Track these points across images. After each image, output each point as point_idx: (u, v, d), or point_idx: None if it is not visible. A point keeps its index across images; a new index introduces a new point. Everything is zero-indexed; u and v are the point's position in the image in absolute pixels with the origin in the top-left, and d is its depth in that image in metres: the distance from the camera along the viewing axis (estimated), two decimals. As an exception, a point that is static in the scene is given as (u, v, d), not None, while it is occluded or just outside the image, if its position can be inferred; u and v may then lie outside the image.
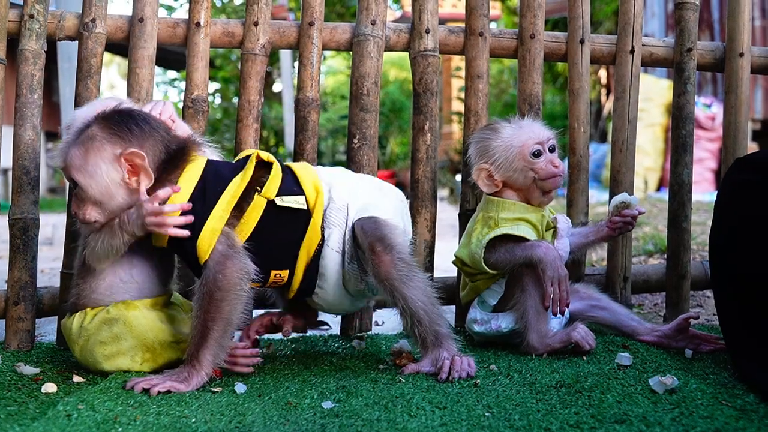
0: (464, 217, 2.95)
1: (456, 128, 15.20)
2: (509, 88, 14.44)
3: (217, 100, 15.77)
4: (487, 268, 2.60)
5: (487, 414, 1.90)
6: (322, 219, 2.39)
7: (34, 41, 2.79)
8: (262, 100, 2.92)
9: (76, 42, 2.87)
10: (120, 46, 2.94)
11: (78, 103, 2.78)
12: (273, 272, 2.37)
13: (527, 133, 2.65)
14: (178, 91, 16.24)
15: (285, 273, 2.39)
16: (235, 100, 14.45)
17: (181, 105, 2.86)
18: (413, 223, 2.93)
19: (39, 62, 2.79)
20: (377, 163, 2.97)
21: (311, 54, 2.94)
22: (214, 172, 2.33)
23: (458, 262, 2.75)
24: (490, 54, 3.02)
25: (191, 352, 2.21)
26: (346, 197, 2.42)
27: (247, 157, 2.39)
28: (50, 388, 2.20)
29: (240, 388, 2.19)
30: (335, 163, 14.05)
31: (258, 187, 2.32)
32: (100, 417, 1.91)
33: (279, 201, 2.33)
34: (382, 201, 2.47)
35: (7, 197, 7.40)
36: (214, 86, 16.71)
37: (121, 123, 2.27)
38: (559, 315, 2.56)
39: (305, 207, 2.36)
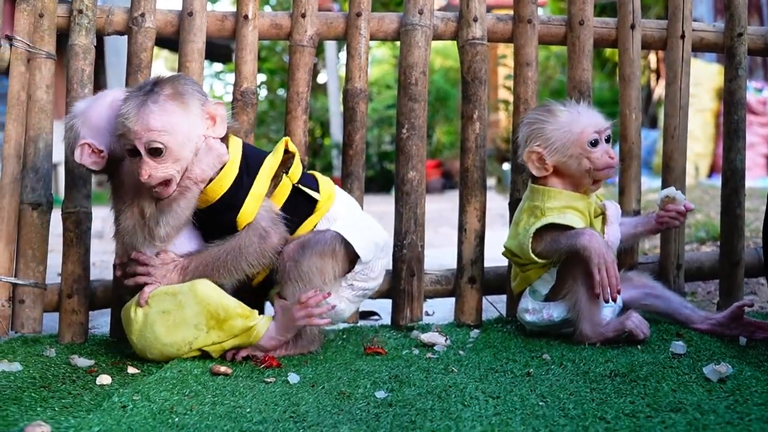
0: (514, 206, 2.94)
1: (502, 116, 15.13)
2: (556, 74, 14.33)
3: (263, 92, 15.88)
4: (535, 258, 2.60)
5: (541, 403, 1.91)
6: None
7: (83, 36, 2.83)
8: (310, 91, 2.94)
9: (124, 36, 2.91)
10: (167, 40, 2.97)
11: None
12: None
13: (586, 121, 2.64)
14: (224, 84, 16.35)
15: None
16: (281, 91, 14.53)
17: (226, 98, 2.90)
18: (463, 213, 2.95)
19: (89, 57, 2.83)
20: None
21: (359, 45, 2.95)
22: (250, 149, 2.51)
23: (508, 252, 2.75)
24: (538, 41, 3.00)
25: (184, 264, 2.42)
26: (338, 213, 2.56)
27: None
28: (105, 379, 2.24)
29: (293, 378, 2.22)
30: (382, 154, 14.06)
31: (285, 170, 2.48)
32: (156, 407, 1.94)
33: (300, 187, 2.50)
34: (363, 235, 2.54)
35: (59, 191, 7.50)
36: (260, 78, 16.81)
37: (189, 81, 2.42)
38: (612, 303, 2.55)
39: (319, 198, 2.52)
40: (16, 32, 2.77)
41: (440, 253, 4.49)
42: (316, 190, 2.54)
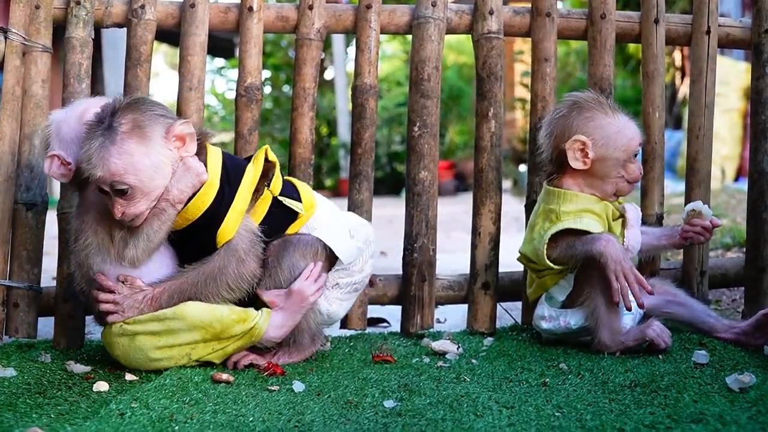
0: (530, 209, 2.95)
1: (519, 115, 15.13)
2: (576, 72, 14.33)
3: (267, 89, 15.94)
4: (551, 264, 2.61)
5: (557, 414, 1.92)
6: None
7: (81, 29, 2.85)
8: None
9: (123, 29, 2.93)
10: (167, 33, 2.99)
11: (127, 93, 2.84)
12: None
13: (634, 130, 2.67)
14: (226, 80, 16.37)
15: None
16: (286, 88, 14.55)
17: (228, 95, 2.92)
18: (477, 215, 2.96)
19: (86, 50, 2.85)
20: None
21: (369, 38, 2.97)
22: (230, 159, 2.50)
23: (523, 258, 2.76)
24: (557, 36, 3.02)
25: (158, 293, 2.39)
26: (319, 221, 2.57)
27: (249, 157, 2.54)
28: (102, 386, 2.26)
29: (298, 386, 2.23)
30: (392, 155, 14.07)
31: (267, 182, 2.47)
32: (155, 415, 1.96)
33: (282, 199, 2.50)
34: (344, 240, 2.58)
35: (54, 191, 7.52)
36: (264, 74, 16.84)
37: (150, 105, 2.39)
38: (633, 311, 2.57)
39: (303, 213, 2.52)
40: (11, 24, 2.79)
41: (452, 258, 4.49)
42: (298, 199, 2.55)
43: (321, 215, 2.58)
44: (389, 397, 2.12)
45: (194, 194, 2.38)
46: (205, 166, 2.40)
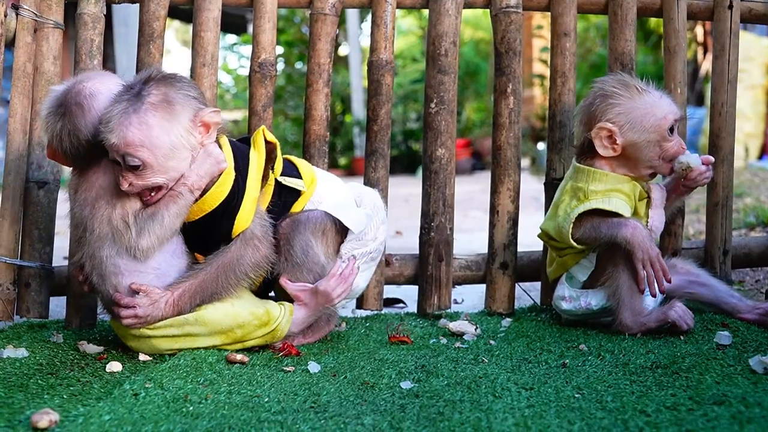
0: (550, 187, 2.96)
1: (537, 92, 15.09)
2: (595, 47, 14.29)
3: (280, 66, 15.91)
4: (574, 243, 2.61)
5: (577, 395, 1.92)
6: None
7: (93, 4, 2.85)
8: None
9: (134, 5, 2.93)
10: (180, 10, 2.99)
11: (140, 70, 2.85)
12: None
13: (668, 106, 2.63)
14: (238, 57, 16.36)
15: None
16: (299, 65, 14.53)
17: (241, 71, 2.92)
18: (495, 193, 2.96)
19: (98, 27, 2.86)
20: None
21: (385, 13, 2.96)
22: (237, 147, 2.48)
23: (544, 235, 2.76)
24: (577, 10, 3.00)
25: (178, 295, 2.36)
26: (323, 195, 2.56)
27: (246, 137, 2.53)
28: (115, 366, 2.27)
29: (313, 367, 2.25)
30: (407, 132, 14.06)
31: (271, 165, 2.47)
32: (170, 395, 1.98)
33: (282, 180, 2.50)
34: (351, 209, 2.59)
35: (65, 169, 7.54)
36: (277, 51, 16.82)
37: (185, 85, 2.35)
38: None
39: (304, 189, 2.52)
40: (23, 1, 2.80)
41: (470, 238, 4.50)
42: (297, 176, 2.54)
43: (323, 188, 2.58)
44: (406, 378, 2.12)
45: (211, 183, 2.37)
46: None
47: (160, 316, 2.34)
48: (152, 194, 2.33)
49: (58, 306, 2.90)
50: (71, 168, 2.44)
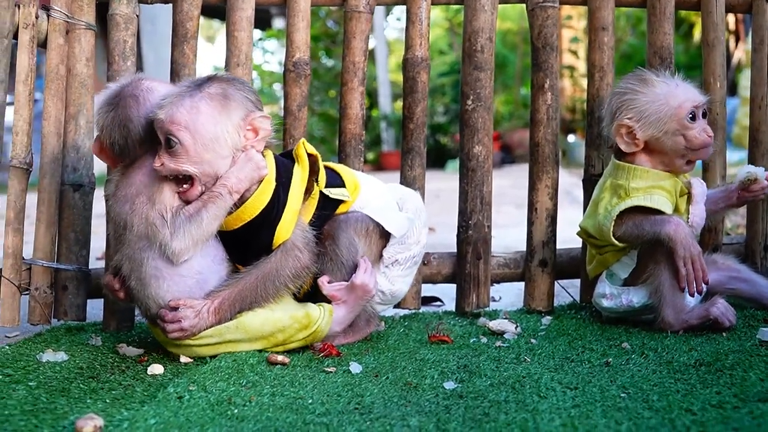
0: (588, 184, 2.96)
1: (567, 84, 15.05)
2: (626, 36, 14.23)
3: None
4: (615, 242, 2.62)
5: (622, 395, 1.93)
6: None
7: (125, 5, 2.88)
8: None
9: (158, 5, 2.96)
10: (214, 8, 3.02)
11: (174, 71, 2.88)
12: None
13: (683, 94, 2.63)
14: (263, 52, 16.38)
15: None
16: (325, 60, 14.54)
17: (266, 67, 2.93)
18: (533, 190, 2.97)
19: (131, 27, 2.88)
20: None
21: (420, 9, 2.97)
22: (280, 160, 2.50)
23: (584, 233, 2.77)
24: (615, 3, 3.00)
25: (218, 303, 2.37)
26: (366, 200, 2.58)
27: (288, 152, 2.55)
28: (157, 369, 2.30)
29: (355, 367, 2.27)
30: (434, 126, 14.06)
31: (315, 178, 2.48)
32: (213, 398, 2.00)
33: (327, 192, 2.50)
34: (392, 213, 2.60)
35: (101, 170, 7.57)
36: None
37: (245, 88, 2.40)
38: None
39: (350, 199, 2.54)
40: (54, 2, 2.83)
41: (504, 233, 4.51)
42: (341, 184, 2.56)
43: (366, 194, 2.59)
44: (449, 379, 2.14)
45: (250, 193, 2.39)
46: None
47: (204, 326, 2.37)
48: (185, 187, 2.35)
49: (94, 308, 2.92)
50: (113, 168, 2.47)
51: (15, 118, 2.73)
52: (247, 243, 2.44)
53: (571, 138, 13.94)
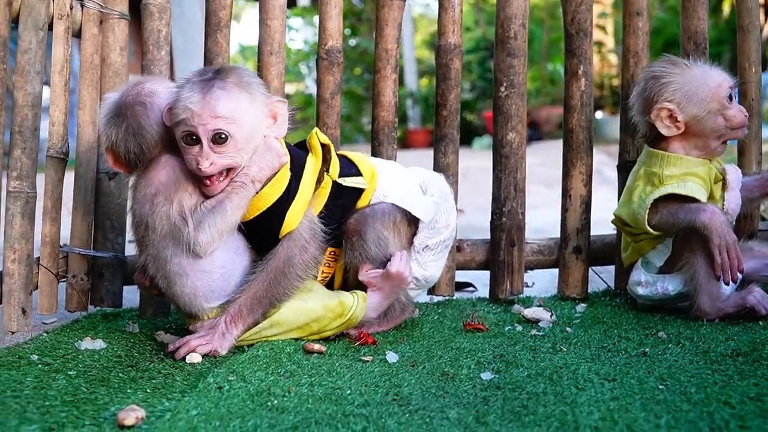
0: (623, 170, 2.96)
1: (595, 60, 14.94)
2: (654, 9, 14.12)
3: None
4: (650, 230, 2.62)
5: (660, 386, 1.94)
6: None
7: (158, -6, 2.90)
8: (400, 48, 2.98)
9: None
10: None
11: (207, 59, 2.90)
12: (329, 249, 2.55)
13: (719, 74, 2.64)
14: (287, 29, 16.37)
15: (338, 251, 2.56)
16: (352, 40, 14.52)
17: (290, 44, 2.92)
18: (567, 177, 2.98)
19: (165, 17, 2.90)
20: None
21: (453, -4, 2.97)
22: (292, 149, 2.50)
23: (618, 221, 2.77)
24: (650, -13, 2.99)
25: (234, 312, 2.37)
26: (388, 188, 2.57)
27: (301, 142, 2.55)
28: (195, 357, 2.32)
29: (391, 357, 2.29)
30: (461, 104, 14.00)
31: (326, 167, 2.47)
32: (253, 388, 2.02)
33: (342, 181, 2.50)
34: (418, 199, 2.60)
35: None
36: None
37: (252, 74, 2.40)
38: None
39: (366, 186, 2.53)
40: (88, -9, 2.85)
41: (534, 215, 4.49)
42: (357, 173, 2.56)
43: (387, 180, 2.59)
44: (486, 369, 2.15)
45: (266, 181, 2.40)
46: None
47: (232, 338, 2.38)
48: (220, 179, 2.35)
49: (129, 293, 2.96)
50: (129, 174, 2.49)
51: (51, 108, 2.75)
52: (261, 233, 2.44)
53: (599, 114, 13.88)
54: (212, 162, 2.29)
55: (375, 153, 2.98)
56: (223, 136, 2.28)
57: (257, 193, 2.38)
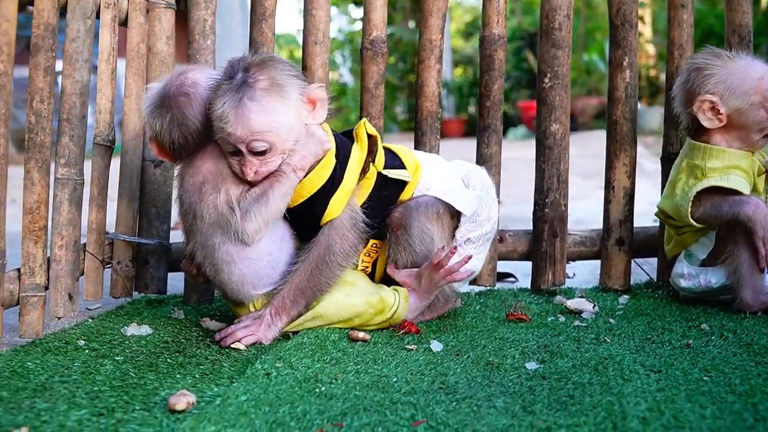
0: (667, 162, 2.96)
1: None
2: (693, -1, 14.03)
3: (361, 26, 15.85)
4: (694, 222, 2.63)
5: (705, 378, 1.95)
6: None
7: (204, -18, 2.92)
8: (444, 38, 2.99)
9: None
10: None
11: (253, 49, 2.92)
12: (371, 242, 2.56)
13: (761, 67, 2.64)
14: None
15: (380, 243, 2.57)
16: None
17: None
18: (611, 169, 2.98)
19: (210, 6, 2.93)
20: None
21: (498, -14, 2.98)
22: (338, 137, 2.51)
23: (661, 214, 2.78)
24: (694, -20, 2.98)
25: (278, 304, 2.40)
26: (430, 181, 2.58)
27: (348, 131, 2.56)
28: (239, 346, 2.35)
29: (436, 346, 2.31)
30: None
31: (371, 158, 2.48)
32: (300, 375, 2.04)
33: (387, 172, 2.51)
34: (460, 192, 2.60)
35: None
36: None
37: (284, 64, 2.39)
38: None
39: (410, 179, 2.54)
40: (135, -19, 2.88)
41: (573, 207, 4.47)
42: (401, 166, 2.57)
43: (429, 174, 2.60)
44: (530, 359, 2.17)
45: (310, 168, 2.41)
46: None
47: (276, 330, 2.41)
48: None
49: (173, 280, 3.00)
50: (174, 163, 2.52)
51: (98, 96, 2.79)
52: (304, 219, 2.46)
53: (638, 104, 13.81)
54: (256, 171, 2.33)
55: (418, 143, 3.00)
56: (261, 149, 2.31)
57: (301, 181, 2.40)
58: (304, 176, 2.40)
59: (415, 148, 2.97)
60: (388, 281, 2.57)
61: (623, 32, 2.97)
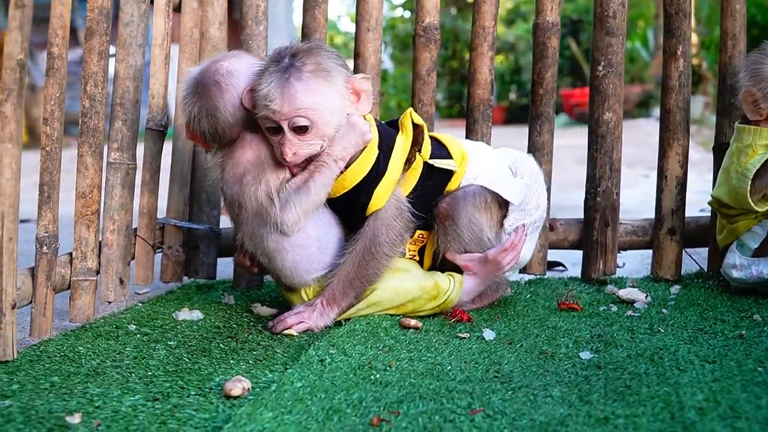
0: (719, 151, 2.95)
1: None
2: None
3: (407, 13, 15.85)
4: (752, 204, 2.62)
5: (759, 369, 1.94)
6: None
7: (253, -32, 2.94)
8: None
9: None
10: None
11: (305, 35, 2.94)
12: (417, 232, 2.56)
13: None
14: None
15: (426, 234, 2.58)
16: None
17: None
18: (664, 158, 2.96)
19: (258, -9, 2.94)
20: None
21: (551, -26, 2.97)
22: (382, 127, 2.51)
23: (715, 203, 2.77)
24: (748, -29, 2.96)
25: (329, 295, 2.42)
26: (477, 170, 2.57)
27: (394, 121, 2.55)
28: (293, 330, 2.38)
29: (488, 334, 2.32)
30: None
31: (417, 148, 2.48)
32: (354, 362, 2.06)
33: (433, 162, 2.51)
34: (508, 180, 2.60)
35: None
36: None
37: (331, 53, 2.40)
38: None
39: (457, 169, 2.53)
40: (188, -34, 2.90)
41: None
42: (448, 155, 2.56)
43: (476, 163, 2.60)
44: (584, 348, 2.17)
45: (352, 159, 2.41)
46: None
47: (327, 319, 2.43)
48: (304, 162, 2.39)
49: (222, 265, 3.02)
50: (208, 150, 2.52)
51: (151, 81, 2.81)
52: (348, 209, 2.47)
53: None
54: (295, 152, 2.33)
55: (470, 130, 3.00)
56: (303, 126, 2.31)
57: (342, 172, 2.40)
58: (346, 167, 2.40)
59: (466, 136, 2.98)
60: (434, 270, 2.59)
61: (677, 21, 2.95)
